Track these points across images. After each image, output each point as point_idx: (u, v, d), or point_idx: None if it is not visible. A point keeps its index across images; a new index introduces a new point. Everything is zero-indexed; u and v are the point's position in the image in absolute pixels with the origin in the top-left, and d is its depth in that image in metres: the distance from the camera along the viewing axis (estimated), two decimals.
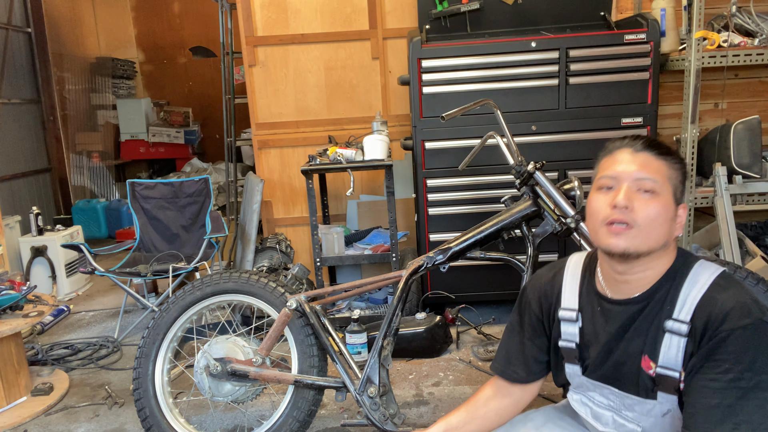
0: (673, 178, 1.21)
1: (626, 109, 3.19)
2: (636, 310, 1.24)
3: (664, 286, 1.22)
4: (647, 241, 1.17)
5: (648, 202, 1.17)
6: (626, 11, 3.70)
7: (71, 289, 4.41)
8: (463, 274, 3.37)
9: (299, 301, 2.13)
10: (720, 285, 1.17)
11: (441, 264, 2.04)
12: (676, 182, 1.21)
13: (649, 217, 1.17)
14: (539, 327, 1.44)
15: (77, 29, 6.85)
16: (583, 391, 1.36)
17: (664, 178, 1.19)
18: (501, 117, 2.32)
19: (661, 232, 1.18)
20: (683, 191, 1.23)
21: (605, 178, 1.22)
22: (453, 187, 3.31)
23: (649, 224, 1.17)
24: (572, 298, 1.36)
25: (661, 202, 1.18)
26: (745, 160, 3.06)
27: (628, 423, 1.27)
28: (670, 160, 1.21)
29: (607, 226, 1.19)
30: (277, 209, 4.20)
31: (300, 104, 4.07)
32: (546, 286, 1.43)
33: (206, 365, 2.15)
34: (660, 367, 1.19)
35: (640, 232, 1.17)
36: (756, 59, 2.99)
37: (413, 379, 2.83)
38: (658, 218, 1.17)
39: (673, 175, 1.21)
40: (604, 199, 1.21)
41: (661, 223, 1.18)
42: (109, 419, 2.65)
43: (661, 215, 1.17)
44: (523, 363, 1.45)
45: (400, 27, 3.91)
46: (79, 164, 6.52)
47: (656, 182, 1.18)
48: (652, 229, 1.17)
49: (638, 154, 1.21)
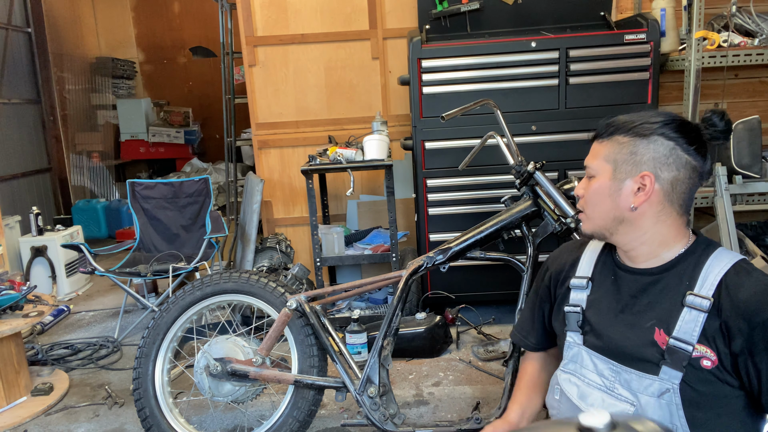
0: (615, 153, 1.28)
1: (626, 109, 3.13)
2: (649, 282, 1.27)
3: (683, 262, 1.25)
4: (594, 221, 1.31)
5: (587, 186, 1.33)
6: (626, 11, 3.70)
7: (71, 289, 4.41)
8: (463, 274, 3.37)
9: (299, 301, 2.13)
10: (744, 268, 1.20)
11: (441, 264, 2.04)
12: (618, 157, 1.28)
13: (587, 200, 1.32)
14: (548, 294, 1.52)
15: (77, 29, 6.86)
16: (574, 369, 1.36)
17: (601, 159, 1.30)
18: (501, 117, 2.32)
19: (603, 208, 1.29)
20: (649, 162, 1.25)
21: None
22: (453, 187, 3.31)
23: (589, 207, 1.32)
24: (587, 267, 1.42)
25: (596, 183, 1.30)
26: (745, 160, 3.06)
27: (619, 402, 1.25)
28: (616, 137, 1.30)
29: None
30: (277, 209, 4.20)
31: (300, 104, 4.07)
32: (566, 256, 1.50)
33: (206, 365, 2.15)
34: (674, 338, 1.19)
35: (586, 215, 1.34)
36: (756, 59, 2.99)
37: (413, 379, 2.83)
38: (594, 197, 1.30)
39: (615, 151, 1.28)
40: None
41: (599, 201, 1.29)
42: (109, 419, 2.65)
43: (597, 194, 1.30)
44: (533, 331, 1.57)
45: (400, 27, 3.92)
46: (79, 164, 6.52)
47: (590, 167, 1.32)
48: (594, 208, 1.31)
49: (593, 144, 1.37)
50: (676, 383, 1.18)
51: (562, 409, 1.36)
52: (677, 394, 1.18)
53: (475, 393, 2.66)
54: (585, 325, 1.35)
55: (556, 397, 1.39)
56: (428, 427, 2.00)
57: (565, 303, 1.41)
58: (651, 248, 1.27)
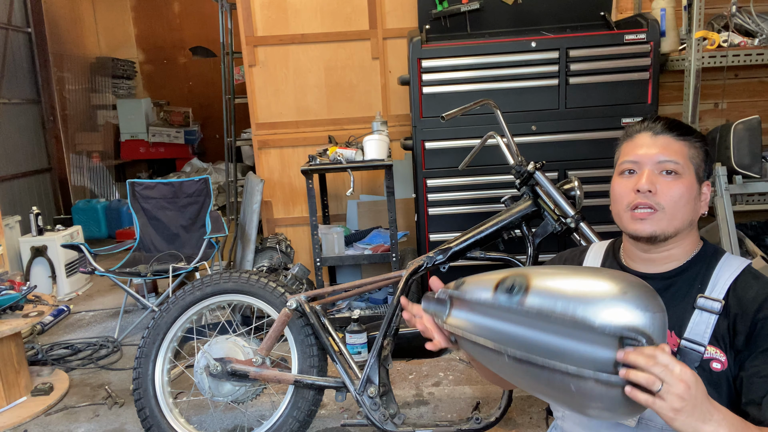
0: (694, 157, 1.22)
1: (626, 109, 3.19)
2: (661, 286, 1.24)
3: (694, 267, 1.24)
4: (673, 223, 1.19)
5: (671, 184, 1.19)
6: (626, 11, 3.70)
7: (71, 289, 4.41)
8: (463, 274, 3.35)
9: (299, 301, 2.13)
10: (752, 273, 1.21)
11: (441, 264, 2.04)
12: (698, 161, 1.22)
13: (673, 198, 1.18)
14: None
15: (77, 29, 6.85)
16: None
17: (686, 158, 1.20)
18: (501, 117, 2.32)
19: (685, 212, 1.20)
20: (706, 169, 1.25)
21: (627, 163, 1.24)
22: (453, 187, 3.31)
23: (673, 206, 1.18)
24: None
25: (684, 182, 1.19)
26: (745, 160, 3.06)
27: None
28: (690, 140, 1.23)
29: (631, 211, 1.21)
30: (277, 209, 4.19)
31: (300, 104, 4.07)
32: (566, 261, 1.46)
33: (206, 365, 2.15)
34: (685, 339, 1.18)
35: (665, 214, 1.19)
36: (756, 59, 2.99)
37: (413, 379, 2.83)
38: (682, 199, 1.19)
39: (694, 155, 1.22)
40: (626, 184, 1.23)
41: (685, 204, 1.19)
42: (109, 419, 2.65)
43: (684, 196, 1.19)
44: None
45: (400, 27, 3.91)
46: (79, 164, 6.52)
47: (678, 163, 1.19)
48: (677, 211, 1.19)
49: (658, 136, 1.22)
50: None
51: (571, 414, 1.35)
52: None
53: (475, 393, 2.66)
54: None
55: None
56: (428, 427, 2.00)
57: None
58: (678, 252, 1.25)
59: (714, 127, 3.29)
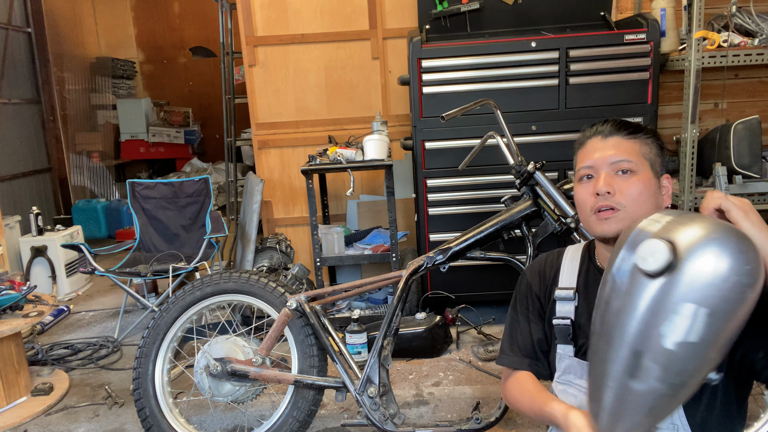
0: (647, 153, 1.24)
1: (626, 109, 3.19)
2: None
3: None
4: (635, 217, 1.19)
5: (628, 183, 1.21)
6: (626, 11, 3.69)
7: (71, 289, 4.41)
8: (463, 274, 3.37)
9: (299, 301, 2.13)
10: None
11: (441, 264, 2.04)
12: (651, 156, 1.25)
13: (632, 196, 1.21)
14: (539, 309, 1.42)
15: (77, 29, 6.85)
16: (570, 379, 1.33)
17: (638, 155, 1.23)
18: (501, 117, 2.32)
19: (648, 207, 1.21)
20: (662, 163, 1.27)
21: (583, 169, 1.27)
22: (453, 187, 3.31)
23: (633, 203, 1.21)
24: (570, 278, 1.37)
25: (641, 178, 1.22)
26: (745, 160, 3.06)
27: None
28: (641, 136, 1.25)
29: (595, 214, 1.23)
30: (277, 209, 4.19)
31: (300, 104, 4.07)
32: (545, 268, 1.43)
33: (206, 365, 2.15)
34: None
35: (628, 212, 1.21)
36: (756, 59, 2.99)
37: (413, 379, 2.83)
38: (642, 195, 1.21)
39: (647, 151, 1.24)
40: (586, 189, 1.26)
41: (645, 200, 1.21)
42: (109, 419, 2.65)
43: (643, 192, 1.21)
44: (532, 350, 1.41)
45: (400, 27, 3.91)
46: (79, 164, 6.52)
47: (631, 162, 1.22)
48: (639, 207, 1.20)
49: (608, 139, 1.25)
50: None
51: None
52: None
53: (475, 393, 2.66)
54: (578, 336, 1.33)
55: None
56: (428, 427, 2.00)
57: (552, 316, 1.37)
58: None
59: (714, 127, 3.29)
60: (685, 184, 3.04)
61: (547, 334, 1.42)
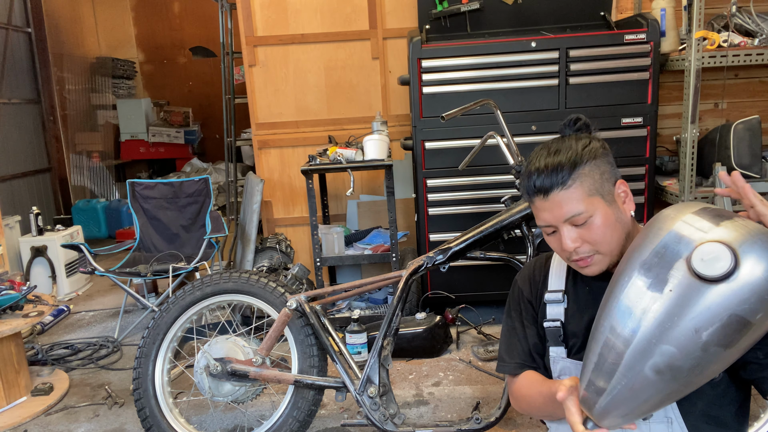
0: (591, 185, 1.20)
1: (626, 109, 3.19)
2: None
3: None
4: (612, 251, 1.22)
5: (589, 229, 1.20)
6: (626, 11, 3.69)
7: (71, 289, 4.41)
8: (463, 274, 3.37)
9: (299, 301, 2.13)
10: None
11: (441, 264, 2.04)
12: (597, 185, 1.20)
13: (598, 239, 1.20)
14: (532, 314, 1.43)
15: (77, 29, 6.85)
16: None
17: (584, 198, 1.19)
18: (501, 117, 2.32)
19: (617, 235, 1.21)
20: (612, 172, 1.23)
21: (543, 226, 1.26)
22: (453, 187, 3.31)
23: (603, 243, 1.21)
24: (559, 280, 1.38)
25: (598, 218, 1.20)
26: (745, 160, 3.06)
27: None
28: (577, 174, 1.20)
29: (573, 262, 1.26)
30: (277, 209, 4.19)
31: (300, 104, 4.07)
32: (534, 273, 1.45)
33: (206, 365, 2.15)
34: None
35: (602, 253, 1.22)
36: (756, 59, 2.99)
37: (413, 379, 2.83)
38: (606, 233, 1.20)
39: (590, 184, 1.20)
40: (555, 242, 1.26)
41: (611, 232, 1.21)
42: (109, 419, 2.65)
43: (606, 229, 1.20)
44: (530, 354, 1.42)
45: (400, 27, 3.91)
46: (79, 164, 6.52)
47: (581, 213, 1.19)
48: (609, 241, 1.21)
49: (549, 197, 1.21)
50: None
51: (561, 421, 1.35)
52: None
53: (475, 393, 2.66)
54: (568, 338, 1.34)
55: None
56: (428, 427, 2.00)
57: (543, 319, 1.38)
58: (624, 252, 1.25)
59: (714, 127, 3.29)
60: (685, 184, 3.04)
61: (542, 338, 1.43)
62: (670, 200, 3.21)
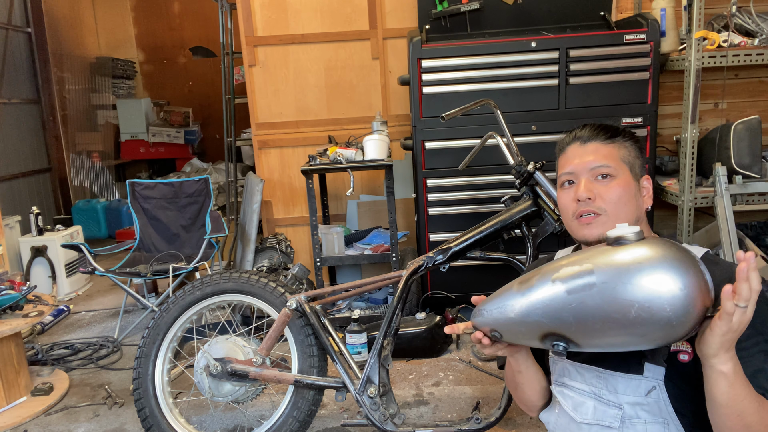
0: (626, 156, 1.27)
1: (626, 109, 3.19)
2: None
3: None
4: (618, 222, 1.23)
5: (608, 187, 1.24)
6: (626, 11, 3.70)
7: (71, 289, 4.41)
8: (463, 274, 3.37)
9: (299, 301, 2.13)
10: (710, 259, 1.21)
11: (441, 264, 2.04)
12: (630, 159, 1.27)
13: (612, 200, 1.24)
14: None
15: (77, 29, 6.85)
16: (565, 381, 1.36)
17: (617, 159, 1.26)
18: (501, 117, 2.32)
19: (628, 210, 1.25)
20: (642, 164, 1.29)
21: (564, 175, 1.31)
22: (453, 187, 3.31)
23: (614, 207, 1.24)
24: None
25: (620, 183, 1.24)
26: (745, 160, 3.05)
27: (609, 408, 1.25)
28: (618, 140, 1.28)
29: (577, 219, 1.27)
30: (277, 209, 4.20)
31: (300, 104, 4.07)
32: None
33: (206, 365, 2.15)
34: None
35: (609, 217, 1.24)
36: (756, 59, 2.99)
37: (413, 379, 2.83)
38: (622, 198, 1.24)
39: (625, 154, 1.27)
40: (568, 195, 1.29)
41: (626, 202, 1.24)
42: (109, 419, 2.66)
43: (623, 195, 1.24)
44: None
45: (400, 27, 3.91)
46: (79, 164, 6.52)
47: (609, 166, 1.25)
48: (619, 211, 1.24)
49: (587, 144, 1.28)
50: (660, 379, 1.18)
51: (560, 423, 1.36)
52: (663, 391, 1.18)
53: (475, 393, 2.66)
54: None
55: (555, 412, 1.39)
56: (428, 427, 2.00)
57: None
58: None
59: (714, 127, 3.29)
60: (685, 184, 3.04)
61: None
62: (671, 200, 3.21)
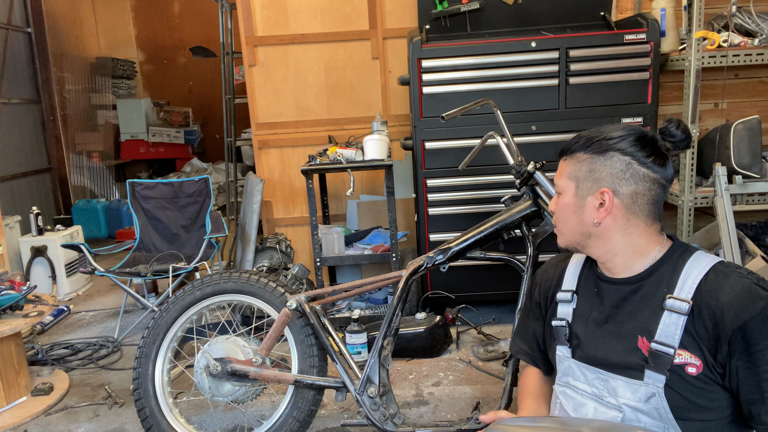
0: (576, 171, 1.31)
1: (626, 109, 3.19)
2: (629, 291, 1.29)
3: (661, 268, 1.26)
4: (565, 236, 1.36)
5: (557, 204, 1.37)
6: (626, 11, 3.70)
7: (71, 289, 4.41)
8: (463, 274, 3.37)
9: (299, 301, 2.13)
10: (722, 271, 1.20)
11: (441, 264, 2.04)
12: (581, 174, 1.30)
13: (557, 216, 1.37)
14: (539, 310, 1.52)
15: (77, 29, 6.85)
16: (567, 381, 1.37)
17: (565, 176, 1.33)
18: (501, 117, 2.32)
19: (570, 224, 1.33)
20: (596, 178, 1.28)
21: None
22: (453, 187, 3.31)
23: (558, 219, 1.37)
24: (572, 280, 1.43)
25: (562, 199, 1.34)
26: (745, 160, 3.05)
27: (609, 410, 1.26)
28: (577, 155, 1.32)
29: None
30: (277, 209, 4.20)
31: (300, 104, 4.07)
32: (551, 270, 1.51)
33: (206, 365, 2.15)
34: (656, 342, 1.20)
35: (559, 229, 1.38)
36: (756, 59, 2.99)
37: (413, 379, 2.83)
38: (562, 214, 1.35)
39: (576, 169, 1.31)
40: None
41: (563, 220, 1.35)
42: (109, 419, 2.66)
43: (561, 213, 1.35)
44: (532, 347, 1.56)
45: (400, 27, 3.91)
46: (79, 164, 6.52)
47: (558, 185, 1.35)
48: (561, 225, 1.36)
49: (559, 163, 1.38)
50: (660, 387, 1.19)
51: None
52: (663, 399, 1.18)
53: (475, 393, 2.66)
54: (572, 338, 1.36)
55: (556, 412, 1.40)
56: (428, 427, 2.00)
57: (553, 317, 1.42)
58: (625, 259, 1.29)
59: (714, 127, 3.29)
60: (685, 184, 3.04)
61: (546, 335, 1.49)
62: (671, 200, 3.21)
